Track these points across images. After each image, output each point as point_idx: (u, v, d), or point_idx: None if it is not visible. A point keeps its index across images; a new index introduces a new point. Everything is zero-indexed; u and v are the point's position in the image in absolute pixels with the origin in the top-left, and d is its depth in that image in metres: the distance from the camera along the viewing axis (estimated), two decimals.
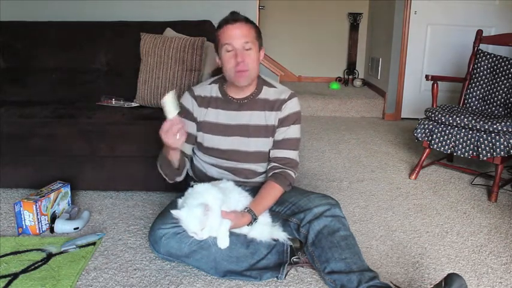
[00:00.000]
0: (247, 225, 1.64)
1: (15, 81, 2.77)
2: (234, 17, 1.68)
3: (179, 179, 1.80)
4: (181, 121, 1.51)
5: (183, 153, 1.75)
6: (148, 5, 3.21)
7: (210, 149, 1.80)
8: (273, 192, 1.72)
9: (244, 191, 1.71)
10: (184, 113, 1.81)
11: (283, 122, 1.78)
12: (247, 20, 1.71)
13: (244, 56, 1.66)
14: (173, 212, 1.52)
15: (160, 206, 2.22)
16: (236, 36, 1.65)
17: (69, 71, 2.79)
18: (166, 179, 1.79)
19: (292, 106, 1.80)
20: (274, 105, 1.78)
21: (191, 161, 1.94)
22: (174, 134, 1.49)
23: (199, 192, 1.56)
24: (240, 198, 1.66)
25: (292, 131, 1.79)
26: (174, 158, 1.66)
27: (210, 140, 1.79)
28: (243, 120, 1.77)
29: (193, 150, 1.90)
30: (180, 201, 1.58)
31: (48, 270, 1.66)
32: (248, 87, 1.76)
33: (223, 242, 1.57)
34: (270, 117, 1.78)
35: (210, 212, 1.48)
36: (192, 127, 1.81)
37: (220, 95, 1.80)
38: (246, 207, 1.64)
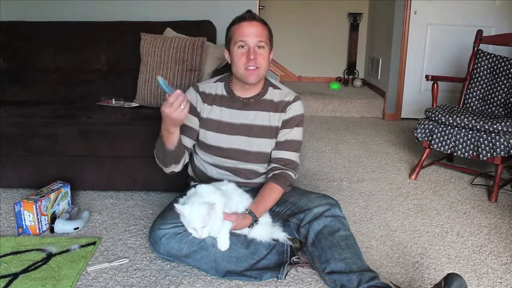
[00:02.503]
0: (248, 227, 1.64)
1: (15, 81, 2.77)
2: (251, 15, 1.70)
3: (176, 168, 1.74)
4: (182, 93, 1.47)
5: (182, 145, 1.71)
6: (148, 5, 3.21)
7: (211, 147, 1.80)
8: (274, 193, 1.72)
9: (245, 192, 1.71)
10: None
11: (287, 124, 1.78)
12: (262, 20, 1.72)
13: (256, 54, 1.66)
14: (176, 205, 1.51)
15: (160, 206, 2.22)
16: (251, 34, 1.66)
17: (69, 71, 2.79)
18: (163, 168, 1.74)
19: (297, 108, 1.80)
20: (279, 106, 1.79)
21: (192, 160, 1.94)
22: (178, 106, 1.46)
23: (203, 192, 1.56)
24: (241, 200, 1.66)
25: (294, 133, 1.79)
26: (174, 141, 1.61)
27: (212, 137, 1.79)
28: (247, 119, 1.77)
29: (194, 149, 1.90)
30: (181, 200, 1.58)
31: (48, 270, 1.66)
32: (255, 86, 1.76)
33: (224, 244, 1.58)
34: (274, 119, 1.78)
35: (213, 212, 1.48)
36: (194, 122, 1.79)
37: (225, 93, 1.80)
38: (247, 209, 1.64)
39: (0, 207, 2.20)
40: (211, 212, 1.48)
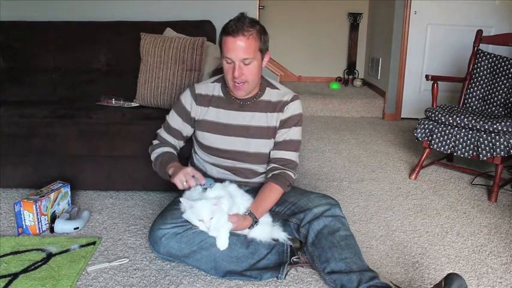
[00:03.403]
0: (248, 228, 1.65)
1: (15, 81, 2.77)
2: (237, 27, 1.61)
3: None
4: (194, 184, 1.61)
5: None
6: (148, 5, 3.21)
7: (209, 148, 1.80)
8: (273, 194, 1.72)
9: (246, 193, 1.71)
10: (181, 110, 1.82)
11: (285, 124, 1.78)
12: (251, 26, 1.63)
13: (242, 70, 1.64)
14: (182, 199, 1.56)
15: (160, 206, 2.22)
16: (235, 50, 1.61)
17: (69, 71, 2.79)
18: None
19: (295, 108, 1.80)
20: (277, 106, 1.78)
21: (191, 160, 1.95)
22: (183, 181, 1.61)
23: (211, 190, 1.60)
24: (242, 202, 1.67)
25: (293, 133, 1.79)
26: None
27: (209, 138, 1.79)
28: (244, 120, 1.77)
29: (194, 149, 1.91)
30: (185, 194, 1.62)
31: (48, 270, 1.66)
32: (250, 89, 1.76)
33: (223, 244, 1.58)
34: (272, 119, 1.78)
35: (220, 205, 1.52)
36: (183, 126, 1.84)
37: (222, 94, 1.80)
38: (247, 210, 1.65)
39: (0, 207, 2.20)
40: (218, 204, 1.51)
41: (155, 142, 1.89)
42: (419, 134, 2.69)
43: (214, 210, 1.51)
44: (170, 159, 1.77)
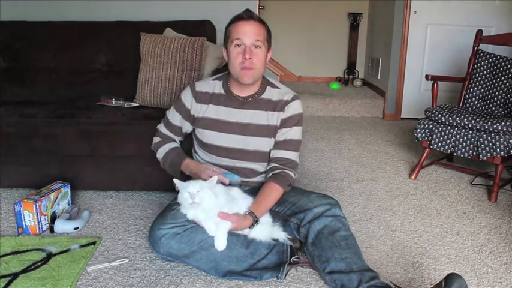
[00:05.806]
0: (249, 227, 1.65)
1: (15, 81, 2.77)
2: (249, 14, 1.70)
3: None
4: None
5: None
6: (148, 5, 3.21)
7: (209, 146, 1.81)
8: (274, 193, 1.72)
9: (246, 194, 1.71)
10: (181, 107, 1.83)
11: (286, 123, 1.78)
12: (260, 20, 1.73)
13: (252, 53, 1.67)
14: (175, 180, 1.60)
15: (160, 206, 2.22)
16: (247, 32, 1.66)
17: (69, 71, 2.79)
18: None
19: (296, 107, 1.80)
20: (277, 105, 1.79)
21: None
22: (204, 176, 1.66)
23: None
24: (243, 202, 1.67)
25: (293, 133, 1.79)
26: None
27: (209, 136, 1.80)
28: (244, 118, 1.78)
29: (194, 150, 1.91)
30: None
31: (48, 270, 1.66)
32: (252, 86, 1.76)
33: (221, 244, 1.58)
34: (273, 118, 1.78)
35: (210, 184, 1.56)
36: (182, 123, 1.87)
37: (223, 92, 1.80)
38: (248, 210, 1.65)
39: (0, 207, 2.20)
40: (209, 182, 1.56)
41: (157, 139, 1.92)
42: (419, 134, 2.69)
43: (203, 186, 1.55)
44: (180, 159, 1.82)
